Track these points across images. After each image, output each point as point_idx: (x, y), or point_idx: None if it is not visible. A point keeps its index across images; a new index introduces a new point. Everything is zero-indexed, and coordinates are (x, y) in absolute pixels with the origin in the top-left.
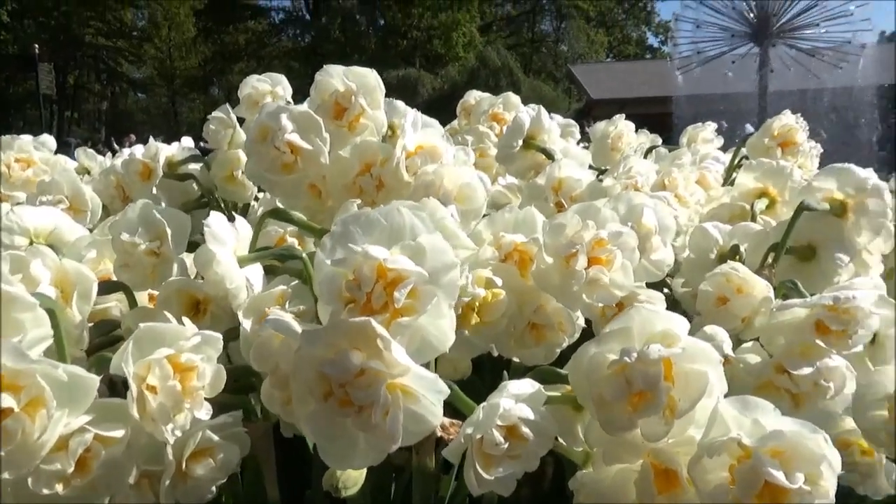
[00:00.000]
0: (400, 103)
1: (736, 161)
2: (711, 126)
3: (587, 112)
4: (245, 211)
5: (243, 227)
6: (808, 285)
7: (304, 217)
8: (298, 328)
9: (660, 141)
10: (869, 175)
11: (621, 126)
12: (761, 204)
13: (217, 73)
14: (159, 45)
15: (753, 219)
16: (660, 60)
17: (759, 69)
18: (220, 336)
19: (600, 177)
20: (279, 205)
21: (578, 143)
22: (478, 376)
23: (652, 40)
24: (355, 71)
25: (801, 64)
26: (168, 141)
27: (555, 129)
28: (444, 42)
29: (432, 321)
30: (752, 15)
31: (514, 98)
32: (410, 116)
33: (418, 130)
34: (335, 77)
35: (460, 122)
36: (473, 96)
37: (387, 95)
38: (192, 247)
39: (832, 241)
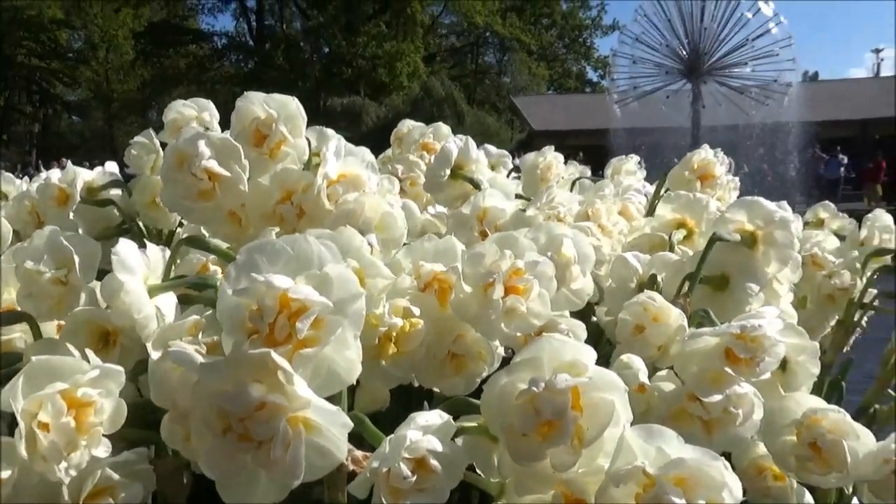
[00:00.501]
0: (330, 131)
1: (660, 192)
2: (634, 158)
3: (529, 142)
4: (170, 238)
5: (156, 255)
6: (721, 314)
7: (222, 244)
8: (199, 359)
9: (588, 172)
10: (776, 208)
11: (550, 157)
12: (679, 234)
13: (156, 96)
14: (96, 67)
15: (671, 249)
16: (599, 94)
17: (692, 104)
18: (121, 369)
19: (524, 207)
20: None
21: (511, 174)
22: (403, 406)
23: (591, 75)
24: (276, 98)
25: (731, 100)
26: (104, 164)
27: (482, 160)
28: (388, 71)
29: (338, 352)
30: (684, 53)
31: (445, 128)
32: (333, 144)
33: (341, 158)
34: (256, 104)
35: (394, 151)
36: (406, 125)
37: (331, 122)
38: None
39: (743, 271)
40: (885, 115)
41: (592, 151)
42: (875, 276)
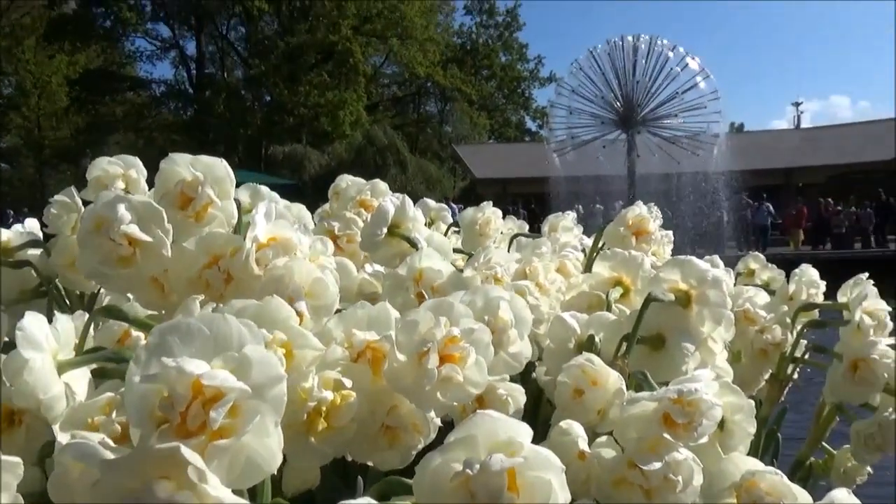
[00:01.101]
0: (264, 189)
1: (597, 248)
2: (571, 215)
3: (472, 189)
4: (92, 301)
5: (68, 326)
6: (659, 374)
7: (142, 313)
8: (102, 453)
9: (526, 227)
10: (708, 267)
11: (488, 213)
12: (616, 293)
13: (91, 144)
14: (27, 113)
15: (609, 308)
16: (538, 143)
17: (627, 154)
18: (17, 461)
19: (461, 267)
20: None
21: (449, 229)
22: (340, 476)
23: (530, 124)
24: (203, 160)
25: (664, 150)
26: (34, 214)
27: (419, 218)
28: (331, 120)
29: (258, 440)
30: (618, 105)
31: (382, 185)
32: (262, 207)
33: (271, 220)
34: (181, 166)
35: (332, 206)
36: (345, 181)
37: (273, 170)
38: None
39: (679, 331)
40: (807, 164)
41: (533, 199)
42: (805, 330)
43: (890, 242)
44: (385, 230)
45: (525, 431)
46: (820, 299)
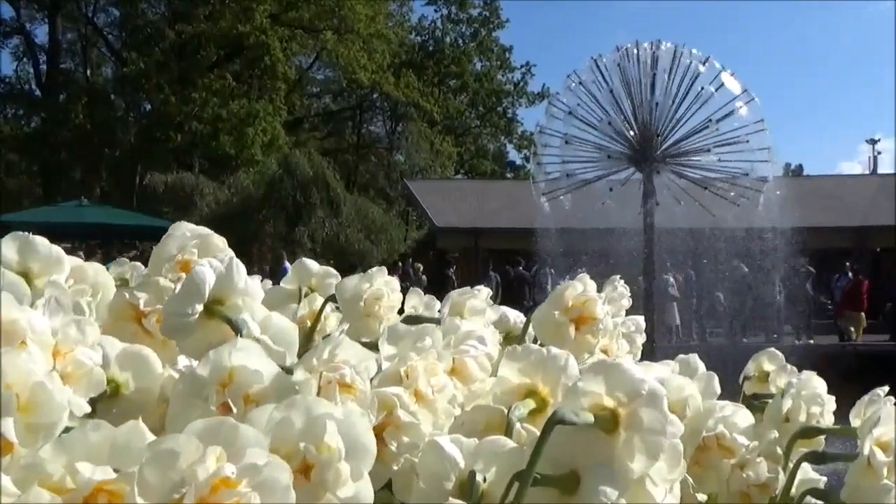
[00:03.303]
0: (41, 241)
1: (524, 339)
2: (484, 292)
3: (430, 243)
4: None
5: None
6: None
7: None
8: None
9: (436, 307)
10: (644, 376)
11: (379, 283)
12: (523, 408)
13: None
14: None
15: (509, 431)
16: (523, 181)
17: (643, 200)
18: None
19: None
20: None
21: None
22: None
23: (514, 155)
24: None
25: (692, 196)
26: None
27: (255, 290)
28: (235, 139)
29: None
30: (631, 133)
31: (218, 240)
32: None
33: None
34: None
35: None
36: (179, 229)
37: (150, 206)
38: None
39: (599, 468)
40: (887, 222)
41: (520, 256)
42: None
43: None
44: (200, 307)
45: None
46: (826, 421)
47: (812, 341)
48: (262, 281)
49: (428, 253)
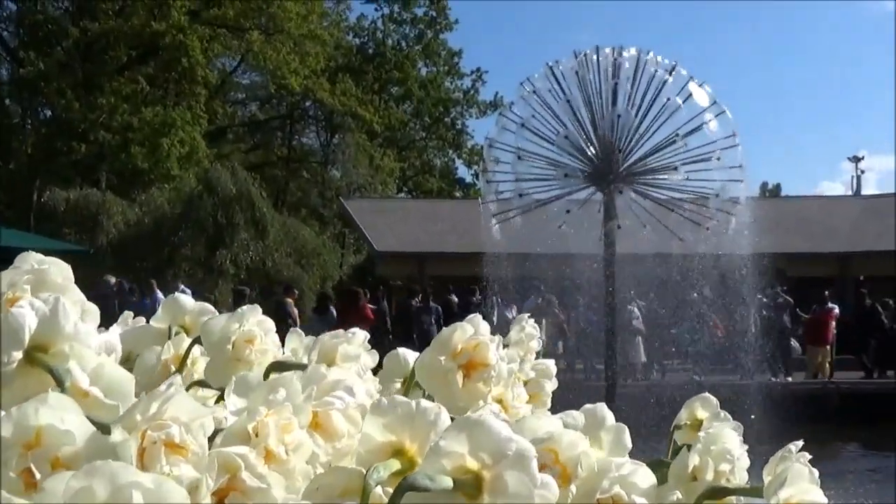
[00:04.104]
0: None
1: (411, 385)
2: (360, 335)
3: (369, 269)
4: None
5: None
6: None
7: None
8: None
9: (298, 356)
10: (510, 435)
11: (251, 325)
12: (384, 470)
13: None
14: None
15: (365, 495)
16: (474, 200)
17: (604, 222)
18: None
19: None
20: None
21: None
22: None
23: (463, 172)
24: None
25: (657, 219)
26: None
27: (86, 335)
28: (148, 151)
29: None
30: (591, 149)
31: (56, 274)
32: None
33: None
34: None
35: None
36: (27, 261)
37: (50, 228)
38: None
39: None
40: (871, 247)
41: (476, 285)
42: None
43: None
44: (18, 355)
45: None
46: (738, 479)
47: (789, 378)
48: None
49: (366, 280)
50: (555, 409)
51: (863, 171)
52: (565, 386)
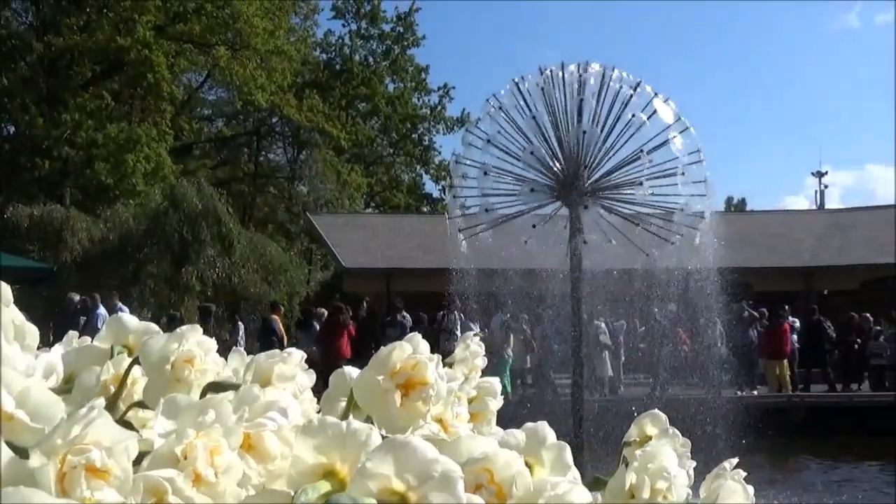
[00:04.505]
0: None
1: (350, 410)
2: (297, 355)
3: (336, 285)
4: None
5: None
6: None
7: None
8: None
9: (241, 363)
10: (437, 456)
11: (192, 343)
12: (312, 492)
13: None
14: None
15: None
16: (441, 216)
17: (570, 238)
18: None
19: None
20: None
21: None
22: None
23: (431, 187)
24: None
25: (623, 234)
26: None
27: (12, 357)
28: (113, 167)
29: None
30: (557, 164)
31: None
32: None
33: None
34: None
35: None
36: None
37: (14, 245)
38: None
39: None
40: (834, 262)
41: (426, 302)
42: None
43: None
44: None
45: None
46: (674, 497)
47: (755, 392)
48: None
49: (334, 296)
50: (520, 424)
51: (826, 186)
52: (532, 401)
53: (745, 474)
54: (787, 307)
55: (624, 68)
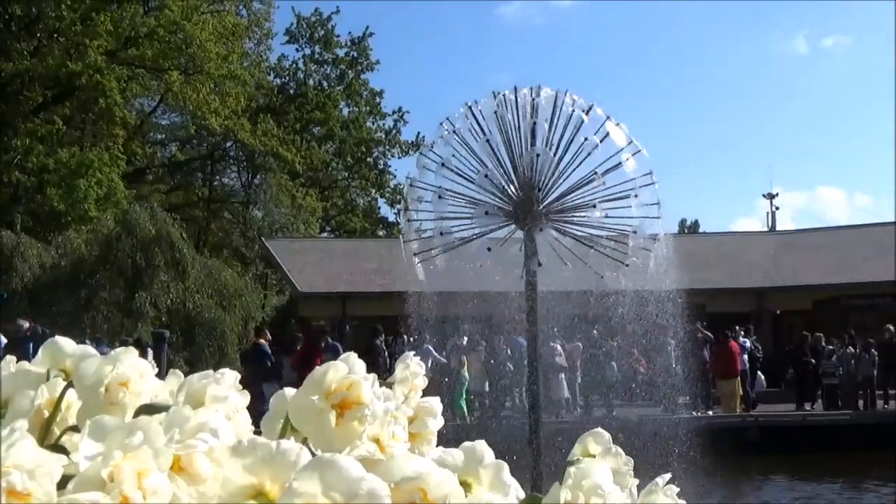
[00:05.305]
0: None
1: (287, 429)
2: (231, 376)
3: (291, 311)
4: None
5: None
6: None
7: None
8: None
9: (177, 384)
10: (363, 474)
11: (126, 365)
12: None
13: None
14: None
15: None
16: (397, 239)
17: (525, 261)
18: None
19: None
20: None
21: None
22: None
23: (386, 211)
24: None
25: (578, 256)
26: None
27: None
28: (65, 193)
29: None
30: (511, 187)
31: None
32: None
33: None
34: None
35: None
36: None
37: None
38: None
39: None
40: (785, 283)
41: (383, 324)
42: None
43: None
44: None
45: None
46: None
47: (710, 412)
48: None
49: (290, 322)
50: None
51: (777, 208)
52: (489, 423)
53: (677, 490)
54: (737, 327)
55: (577, 92)
